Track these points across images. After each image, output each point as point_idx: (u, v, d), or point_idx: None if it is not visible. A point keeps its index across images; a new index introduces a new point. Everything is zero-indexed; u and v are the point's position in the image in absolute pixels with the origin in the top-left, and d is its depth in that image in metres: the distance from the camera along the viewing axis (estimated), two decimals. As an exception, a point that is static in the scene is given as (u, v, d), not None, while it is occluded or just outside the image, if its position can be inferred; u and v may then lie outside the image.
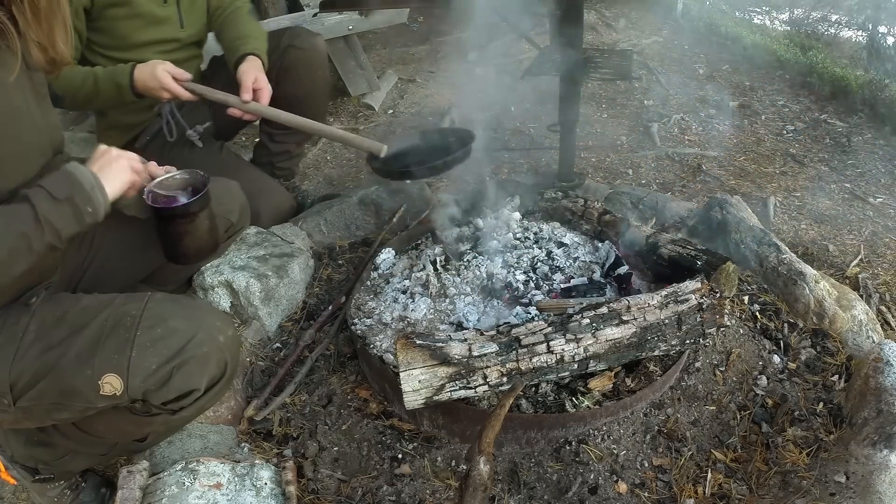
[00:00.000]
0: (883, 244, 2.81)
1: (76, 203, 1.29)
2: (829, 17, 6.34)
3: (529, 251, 2.14)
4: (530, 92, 4.47)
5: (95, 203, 1.32)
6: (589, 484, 1.63)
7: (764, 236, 2.30)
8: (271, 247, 2.30)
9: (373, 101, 4.28)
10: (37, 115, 1.32)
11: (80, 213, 1.30)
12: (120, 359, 1.31)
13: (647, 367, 1.79)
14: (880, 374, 1.75)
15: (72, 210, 1.28)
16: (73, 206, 1.28)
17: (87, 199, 1.30)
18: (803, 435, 1.75)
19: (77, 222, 1.30)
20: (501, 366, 1.59)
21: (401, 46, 5.33)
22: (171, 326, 1.35)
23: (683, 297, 1.72)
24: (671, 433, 1.75)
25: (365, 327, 1.98)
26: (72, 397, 1.33)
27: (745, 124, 3.94)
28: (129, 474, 1.55)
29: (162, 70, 1.93)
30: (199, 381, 1.36)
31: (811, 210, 3.08)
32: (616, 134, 3.84)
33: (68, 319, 1.36)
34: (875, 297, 2.43)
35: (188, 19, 2.33)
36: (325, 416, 1.87)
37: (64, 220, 1.27)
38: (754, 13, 6.57)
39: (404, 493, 1.64)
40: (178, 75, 1.95)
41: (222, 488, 1.54)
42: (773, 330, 2.08)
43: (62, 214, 1.27)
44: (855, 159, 3.53)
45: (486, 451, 1.39)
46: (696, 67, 4.84)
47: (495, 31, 5.46)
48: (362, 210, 2.67)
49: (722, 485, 1.65)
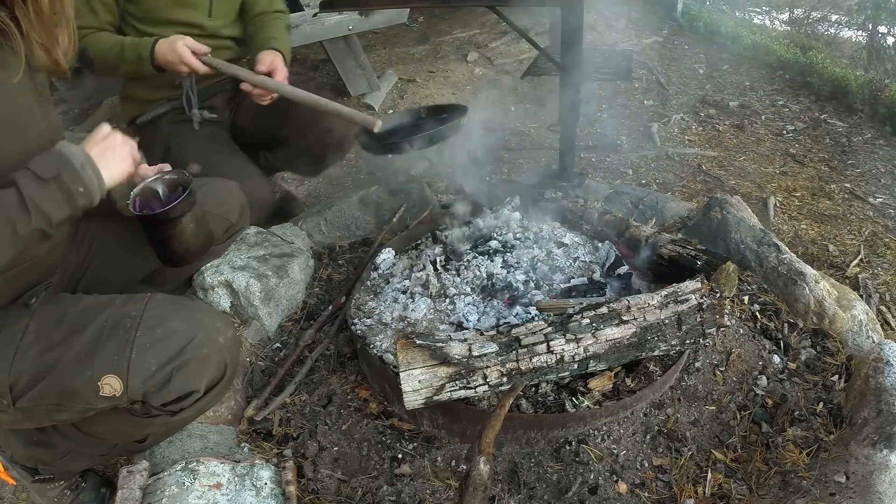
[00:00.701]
0: (883, 244, 2.81)
1: (64, 182, 1.22)
2: (829, 17, 6.34)
3: (529, 251, 2.14)
4: (530, 92, 4.47)
5: (87, 182, 1.25)
6: (589, 484, 1.63)
7: (764, 236, 2.30)
8: (271, 247, 2.30)
9: (373, 101, 4.28)
10: (39, 115, 1.31)
11: (70, 194, 1.23)
12: (120, 360, 1.31)
13: (647, 367, 1.79)
14: (880, 374, 1.75)
15: (60, 190, 1.22)
16: (62, 186, 1.22)
17: (76, 178, 1.24)
18: (803, 435, 1.75)
19: (68, 204, 1.23)
20: (501, 366, 1.59)
21: (401, 46, 5.33)
22: (171, 328, 1.35)
23: (683, 297, 1.72)
24: (671, 433, 1.75)
25: (365, 327, 1.98)
26: (71, 398, 1.33)
27: (745, 124, 3.94)
28: (129, 474, 1.55)
29: (181, 44, 1.99)
30: (198, 382, 1.36)
31: (811, 210, 3.08)
32: (616, 134, 3.84)
33: (68, 320, 1.36)
34: (875, 297, 2.43)
35: (218, 9, 2.36)
36: (325, 416, 1.87)
37: (53, 202, 1.21)
38: (754, 13, 6.57)
39: (404, 493, 1.64)
40: (196, 49, 2.00)
41: (222, 488, 1.54)
42: (773, 330, 2.08)
43: (50, 195, 1.20)
44: (855, 159, 3.53)
45: (486, 451, 1.39)
46: (696, 67, 4.84)
47: (495, 30, 5.47)
48: (362, 210, 2.67)
49: (722, 485, 1.65)
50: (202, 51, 2.02)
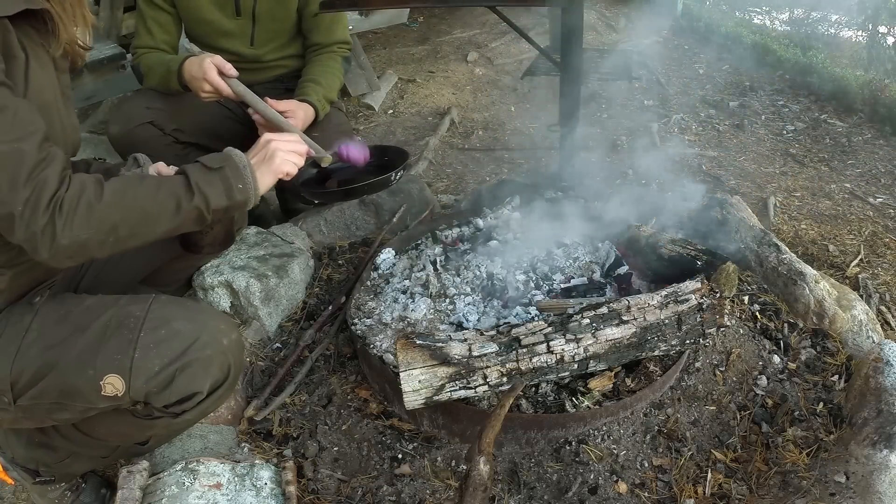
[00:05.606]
0: (883, 244, 2.81)
1: (227, 175, 1.35)
2: (829, 17, 6.34)
3: (529, 251, 2.14)
4: (530, 92, 4.48)
5: (246, 182, 1.37)
6: (589, 484, 1.63)
7: (764, 236, 2.30)
8: (271, 247, 2.30)
9: (373, 101, 4.28)
10: (63, 113, 1.34)
11: (229, 187, 1.35)
12: (122, 360, 1.31)
13: (647, 367, 1.79)
14: (880, 374, 1.76)
15: (221, 181, 1.34)
16: (224, 179, 1.35)
17: (237, 175, 1.36)
18: (803, 435, 1.75)
19: (226, 195, 1.35)
20: (501, 366, 1.59)
21: (401, 46, 5.33)
22: (175, 329, 1.35)
23: (683, 297, 1.72)
24: (671, 433, 1.75)
25: (365, 327, 1.98)
26: (73, 397, 1.33)
27: (745, 124, 3.94)
28: (129, 474, 1.55)
29: (209, 62, 1.88)
30: (201, 384, 1.36)
31: (811, 210, 3.08)
32: (616, 134, 3.85)
33: (71, 319, 1.36)
34: (875, 297, 2.44)
35: (261, 37, 2.34)
36: (325, 416, 1.87)
37: (213, 189, 1.33)
38: (754, 13, 6.57)
39: (404, 493, 1.64)
40: (225, 70, 1.88)
41: (222, 488, 1.54)
42: (773, 330, 2.08)
43: (212, 182, 1.33)
44: (855, 159, 3.53)
45: (486, 451, 1.39)
46: (696, 67, 4.84)
47: (495, 30, 5.47)
48: (362, 210, 2.67)
49: (722, 485, 1.65)
50: (231, 73, 1.89)
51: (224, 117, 2.42)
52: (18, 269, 1.35)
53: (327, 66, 2.37)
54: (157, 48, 2.25)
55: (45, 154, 1.19)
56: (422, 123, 4.14)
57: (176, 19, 2.30)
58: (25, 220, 1.17)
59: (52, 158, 1.20)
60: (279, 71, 2.49)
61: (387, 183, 1.87)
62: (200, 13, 2.26)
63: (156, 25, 2.24)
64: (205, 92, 1.93)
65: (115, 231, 1.25)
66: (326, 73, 2.35)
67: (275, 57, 2.45)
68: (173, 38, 2.26)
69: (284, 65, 2.49)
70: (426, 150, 3.69)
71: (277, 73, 2.50)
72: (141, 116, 2.22)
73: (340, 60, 2.43)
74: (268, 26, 2.34)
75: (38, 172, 1.17)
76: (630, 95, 4.36)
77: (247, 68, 2.27)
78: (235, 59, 2.03)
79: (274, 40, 2.40)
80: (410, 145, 3.80)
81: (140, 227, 1.28)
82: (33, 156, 1.16)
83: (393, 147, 2.06)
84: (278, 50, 2.43)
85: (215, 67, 1.87)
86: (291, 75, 2.47)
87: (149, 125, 2.23)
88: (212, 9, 2.26)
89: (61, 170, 1.21)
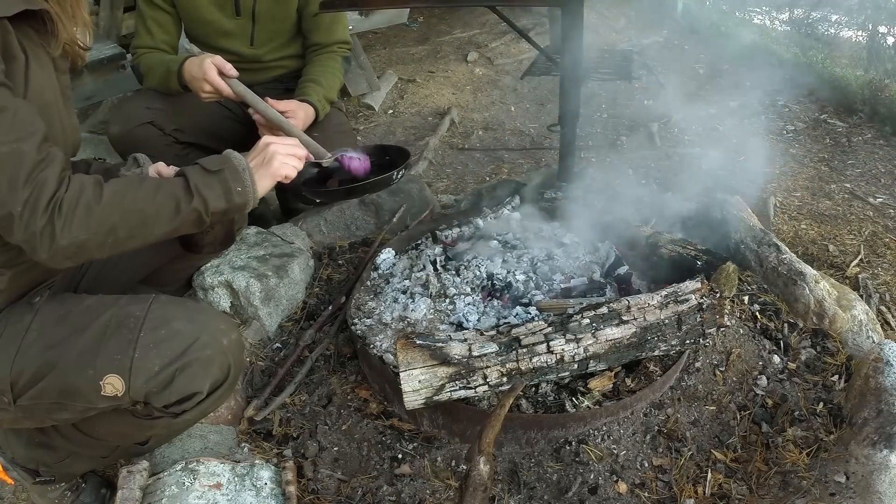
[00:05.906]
0: (883, 244, 2.81)
1: (226, 178, 1.35)
2: (829, 17, 6.34)
3: (529, 251, 2.14)
4: (530, 92, 4.48)
5: (245, 185, 1.37)
6: (589, 484, 1.63)
7: (764, 236, 2.30)
8: (271, 247, 2.30)
9: (373, 101, 4.28)
10: (63, 113, 1.34)
11: (228, 189, 1.35)
12: (122, 359, 1.31)
13: (647, 367, 1.79)
14: (880, 374, 1.75)
15: (220, 184, 1.35)
16: (223, 182, 1.35)
17: (236, 178, 1.37)
18: (803, 435, 1.75)
19: (225, 198, 1.35)
20: (501, 366, 1.59)
21: (401, 46, 5.33)
22: (175, 329, 1.35)
23: (683, 297, 1.72)
24: (671, 433, 1.75)
25: (365, 327, 1.98)
26: (73, 397, 1.33)
27: (746, 124, 3.94)
28: (129, 474, 1.55)
29: (209, 62, 1.87)
30: (201, 384, 1.36)
31: (811, 210, 3.08)
32: (616, 134, 3.85)
33: (71, 319, 1.36)
34: (875, 297, 2.43)
35: (261, 37, 2.34)
36: (325, 416, 1.87)
37: (212, 191, 1.33)
38: (754, 13, 6.56)
39: (404, 493, 1.64)
40: (225, 70, 1.88)
41: (222, 488, 1.54)
42: (773, 330, 2.08)
43: (211, 185, 1.34)
44: (855, 159, 3.53)
45: (486, 451, 1.39)
46: (696, 67, 4.84)
47: (495, 30, 5.47)
48: (362, 210, 2.67)
49: (722, 485, 1.65)
50: (231, 73, 1.89)
51: (224, 117, 2.42)
52: (18, 269, 1.36)
53: (327, 67, 2.37)
54: (157, 48, 2.25)
55: (45, 155, 1.19)
56: (422, 123, 4.14)
57: (176, 19, 2.30)
58: (24, 220, 1.17)
59: (52, 159, 1.20)
60: (279, 71, 2.49)
61: (388, 182, 1.86)
62: (200, 13, 2.26)
63: (155, 25, 2.24)
64: (205, 92, 1.93)
65: (114, 232, 1.25)
66: (326, 73, 2.35)
67: (275, 57, 2.44)
68: (173, 38, 2.27)
69: (284, 65, 2.49)
70: (426, 150, 3.69)
71: (277, 73, 2.50)
72: (141, 116, 2.22)
73: (340, 60, 2.43)
74: (268, 26, 2.34)
75: (37, 173, 1.17)
76: (630, 95, 4.36)
77: (247, 68, 2.26)
78: (235, 60, 2.03)
79: (274, 40, 2.40)
80: (410, 145, 3.80)
81: (139, 229, 1.29)
82: (33, 156, 1.16)
83: (394, 146, 2.05)
84: (278, 50, 2.43)
85: (215, 67, 1.87)
86: (291, 75, 2.47)
87: (149, 125, 2.23)
88: (212, 9, 2.27)
89: (60, 171, 1.21)
